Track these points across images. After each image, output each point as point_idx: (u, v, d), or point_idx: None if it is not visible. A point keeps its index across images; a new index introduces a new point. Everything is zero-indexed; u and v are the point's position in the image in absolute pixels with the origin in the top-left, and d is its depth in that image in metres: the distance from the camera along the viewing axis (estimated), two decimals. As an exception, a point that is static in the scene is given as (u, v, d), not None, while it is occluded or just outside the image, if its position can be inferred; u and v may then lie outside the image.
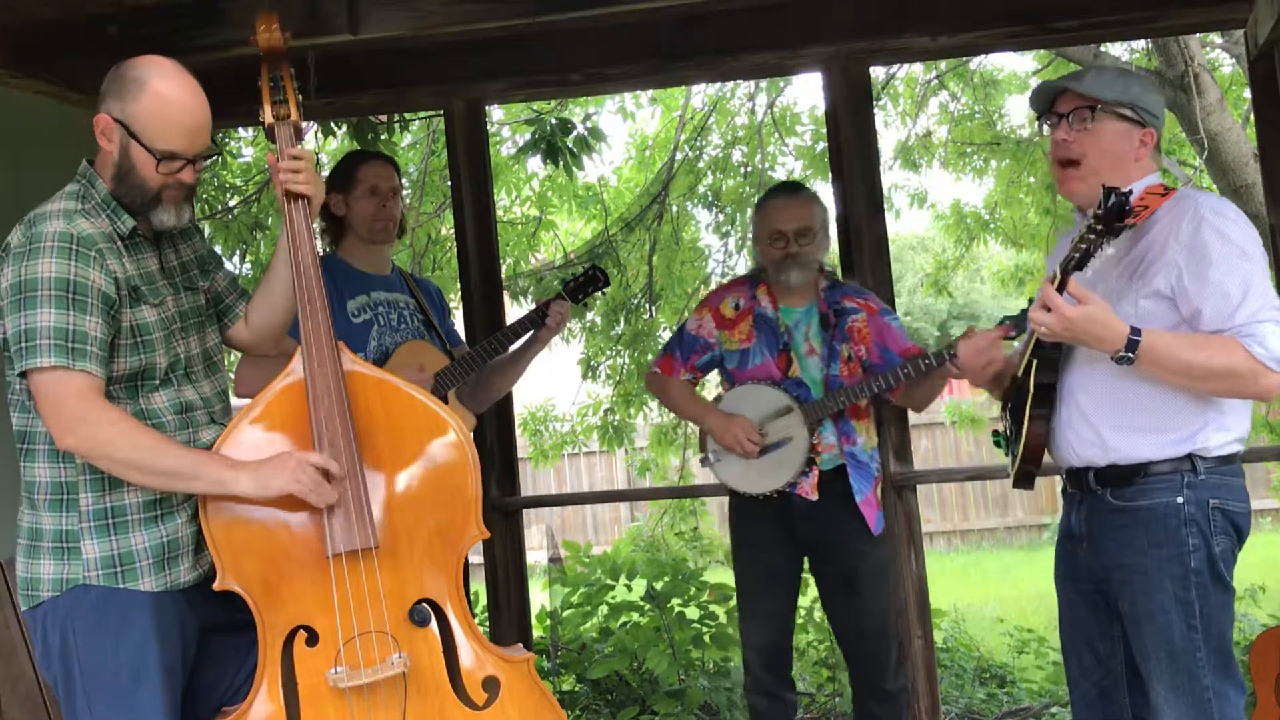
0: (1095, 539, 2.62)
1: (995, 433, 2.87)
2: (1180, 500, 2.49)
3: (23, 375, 2.36)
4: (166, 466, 2.37)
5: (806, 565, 3.74)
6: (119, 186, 2.43)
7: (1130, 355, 2.36)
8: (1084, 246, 2.32)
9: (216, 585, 2.44)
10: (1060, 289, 2.37)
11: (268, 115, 2.60)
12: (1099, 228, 2.28)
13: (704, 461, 3.69)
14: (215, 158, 3.68)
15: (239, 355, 3.45)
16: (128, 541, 2.42)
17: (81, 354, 2.31)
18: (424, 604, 2.51)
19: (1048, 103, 2.66)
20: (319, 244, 2.97)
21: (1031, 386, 2.60)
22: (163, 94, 2.39)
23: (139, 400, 2.44)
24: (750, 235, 3.71)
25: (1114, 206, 2.25)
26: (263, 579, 2.44)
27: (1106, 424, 2.55)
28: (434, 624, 2.52)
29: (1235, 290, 2.39)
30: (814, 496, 3.53)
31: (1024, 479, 2.71)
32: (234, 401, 2.76)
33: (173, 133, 2.39)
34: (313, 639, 2.46)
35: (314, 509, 2.44)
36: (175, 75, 2.42)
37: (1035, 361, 2.60)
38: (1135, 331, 2.36)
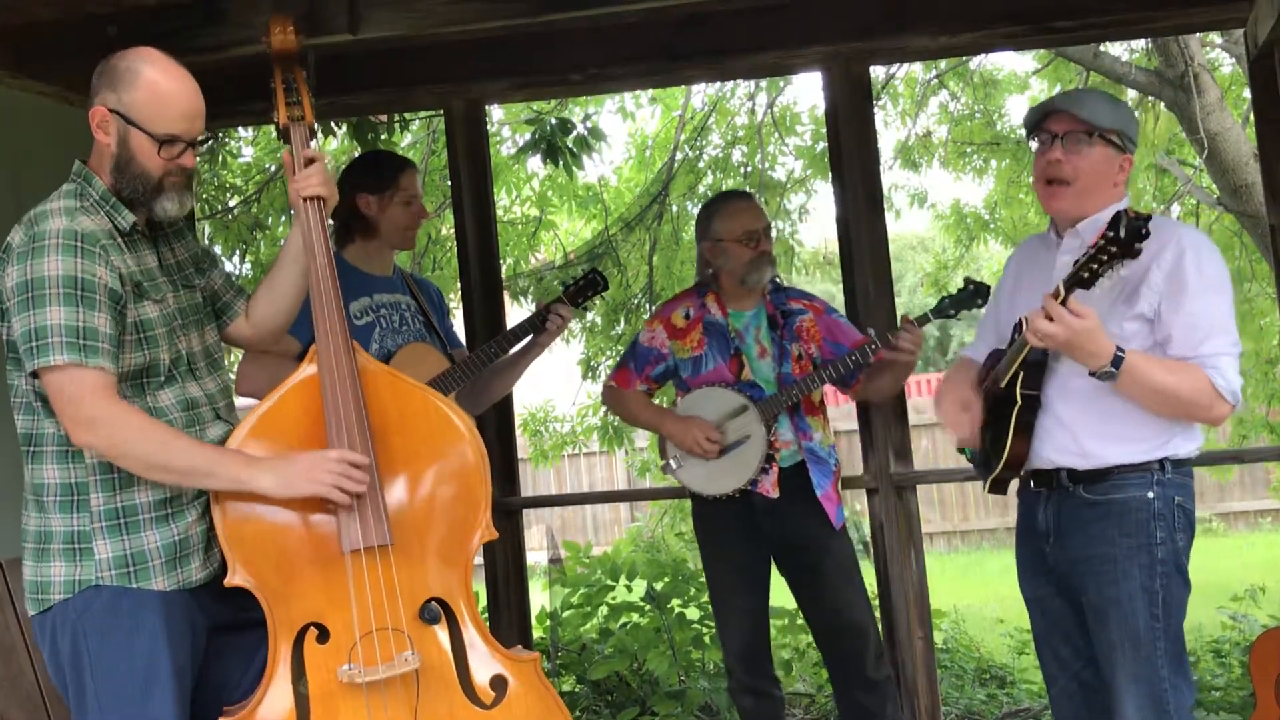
0: (1064, 533, 2.72)
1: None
2: (1150, 495, 2.64)
3: (34, 375, 2.35)
4: (183, 463, 2.38)
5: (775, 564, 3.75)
6: (120, 179, 2.44)
7: (1114, 371, 2.50)
8: (1094, 266, 2.41)
9: (227, 581, 2.43)
10: (1063, 304, 2.48)
11: (282, 117, 2.62)
12: (1112, 249, 2.37)
13: (665, 469, 3.71)
14: (210, 143, 3.68)
15: (238, 356, 3.45)
16: (140, 541, 2.41)
17: (94, 350, 2.32)
18: (434, 602, 2.52)
19: (1040, 119, 2.74)
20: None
21: (1019, 397, 2.70)
22: (158, 80, 2.42)
23: (145, 398, 2.44)
24: (704, 244, 3.74)
25: (1132, 231, 2.35)
26: (275, 575, 2.44)
27: (1086, 432, 2.67)
28: (444, 622, 2.53)
29: (1204, 322, 2.58)
30: (775, 494, 3.56)
31: (999, 485, 2.82)
32: (237, 401, 2.76)
33: (172, 117, 2.42)
34: (324, 636, 2.46)
35: (327, 505, 2.44)
36: (166, 62, 2.45)
37: (1022, 374, 2.69)
38: (1120, 349, 2.50)
